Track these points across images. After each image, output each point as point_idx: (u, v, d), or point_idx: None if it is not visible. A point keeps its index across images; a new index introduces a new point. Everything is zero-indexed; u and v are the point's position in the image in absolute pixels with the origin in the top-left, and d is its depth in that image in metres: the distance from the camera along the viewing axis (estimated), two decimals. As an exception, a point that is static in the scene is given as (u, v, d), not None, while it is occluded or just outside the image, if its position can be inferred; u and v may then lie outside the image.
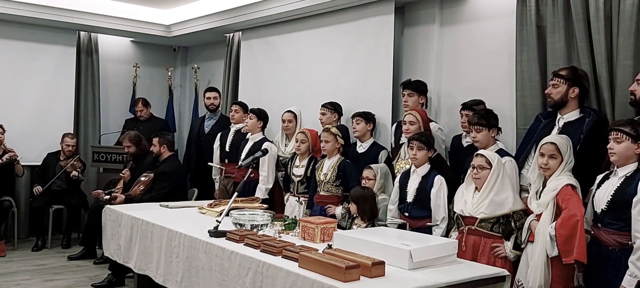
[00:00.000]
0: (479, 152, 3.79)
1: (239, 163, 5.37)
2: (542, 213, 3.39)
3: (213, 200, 4.99)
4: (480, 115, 4.06)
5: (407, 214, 4.15)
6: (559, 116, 3.85)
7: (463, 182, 3.90)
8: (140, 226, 4.26)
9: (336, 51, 5.89)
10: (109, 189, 6.32)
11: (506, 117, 4.45)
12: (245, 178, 4.54)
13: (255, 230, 3.63)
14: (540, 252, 3.31)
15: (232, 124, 6.29)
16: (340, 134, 4.93)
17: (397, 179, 4.34)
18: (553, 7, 4.13)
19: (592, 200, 3.28)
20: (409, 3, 5.38)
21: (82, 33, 7.77)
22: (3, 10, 6.76)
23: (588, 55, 3.91)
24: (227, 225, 3.69)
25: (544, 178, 3.49)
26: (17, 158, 6.68)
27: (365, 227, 4.09)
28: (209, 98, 6.87)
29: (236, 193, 4.08)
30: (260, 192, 5.47)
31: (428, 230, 4.02)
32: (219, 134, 6.38)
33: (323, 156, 4.98)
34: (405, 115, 4.61)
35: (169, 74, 8.62)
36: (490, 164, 3.64)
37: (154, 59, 8.66)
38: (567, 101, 3.78)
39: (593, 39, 3.87)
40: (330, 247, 3.12)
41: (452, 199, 3.92)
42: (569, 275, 3.31)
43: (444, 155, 4.65)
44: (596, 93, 3.89)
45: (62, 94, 7.63)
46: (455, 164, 4.52)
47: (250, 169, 4.76)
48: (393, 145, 5.01)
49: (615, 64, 3.77)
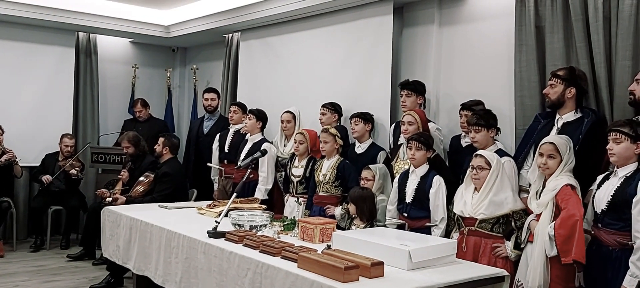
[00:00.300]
0: (478, 152, 3.79)
1: (238, 164, 5.37)
2: (541, 213, 3.39)
3: (212, 201, 4.99)
4: (479, 115, 4.06)
5: (406, 215, 4.15)
6: (557, 116, 3.85)
7: (462, 182, 3.90)
8: (139, 227, 4.26)
9: (335, 52, 5.88)
10: (109, 190, 6.31)
11: (505, 118, 4.45)
12: (245, 179, 4.53)
13: (254, 230, 3.63)
14: (539, 252, 3.31)
15: (231, 125, 6.28)
16: (339, 134, 4.93)
17: (396, 180, 4.34)
18: (552, 7, 4.13)
19: (593, 201, 3.28)
20: (408, 3, 5.38)
21: (80, 34, 7.76)
22: (2, 11, 6.75)
23: (587, 55, 3.91)
24: (226, 225, 3.69)
25: (545, 178, 3.49)
26: (15, 159, 6.68)
27: (364, 227, 4.09)
28: (206, 99, 6.87)
29: (235, 194, 4.07)
30: (260, 192, 5.47)
31: (427, 230, 4.02)
32: (218, 135, 6.37)
33: (322, 157, 4.98)
34: (403, 116, 4.61)
35: (168, 74, 8.62)
36: (490, 164, 3.64)
37: (153, 60, 8.65)
38: (565, 101, 3.79)
39: (592, 39, 3.87)
40: (329, 247, 3.12)
41: (451, 200, 3.92)
42: (568, 275, 3.31)
43: (443, 155, 4.65)
44: (595, 93, 3.89)
45: (61, 95, 7.62)
46: (454, 165, 4.52)
47: (249, 170, 4.76)
48: (392, 146, 5.00)
49: (614, 64, 3.77)
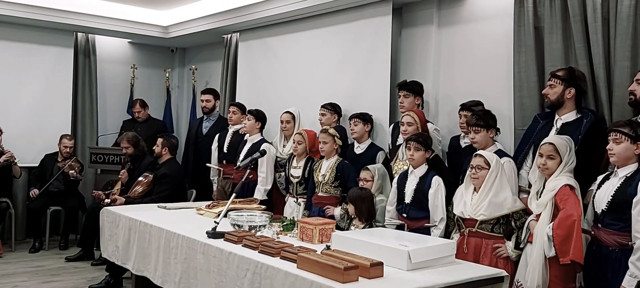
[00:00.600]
0: (477, 152, 3.79)
1: (237, 165, 5.36)
2: (541, 214, 3.40)
3: (211, 201, 4.98)
4: (478, 115, 4.06)
5: (405, 215, 4.15)
6: (556, 117, 3.85)
7: (461, 182, 3.90)
8: (138, 227, 4.25)
9: (334, 52, 5.88)
10: (107, 190, 6.31)
11: (504, 118, 4.46)
12: (244, 180, 4.52)
13: (253, 231, 3.63)
14: (538, 252, 3.32)
15: (230, 125, 6.27)
16: (338, 135, 4.93)
17: (395, 180, 4.34)
18: (550, 8, 4.13)
19: (593, 201, 3.29)
20: (407, 4, 5.38)
21: (79, 34, 7.76)
22: (0, 12, 6.73)
23: (586, 56, 3.92)
24: (225, 226, 3.68)
25: (545, 178, 3.49)
26: (14, 160, 6.67)
27: (363, 227, 4.09)
28: (202, 100, 6.82)
29: (234, 195, 4.07)
30: (259, 193, 5.47)
31: (426, 230, 4.02)
32: (217, 135, 6.36)
33: (321, 157, 4.97)
34: (402, 116, 4.61)
35: (167, 75, 8.61)
36: (489, 164, 3.64)
37: (152, 60, 8.65)
38: (564, 102, 3.79)
39: (590, 39, 3.88)
40: (328, 248, 3.11)
41: (451, 200, 3.92)
42: (567, 276, 3.31)
43: (441, 156, 4.65)
44: (594, 94, 3.89)
45: (60, 95, 7.61)
46: (453, 165, 4.52)
47: (249, 170, 4.75)
48: (390, 146, 5.00)
49: (613, 64, 3.78)
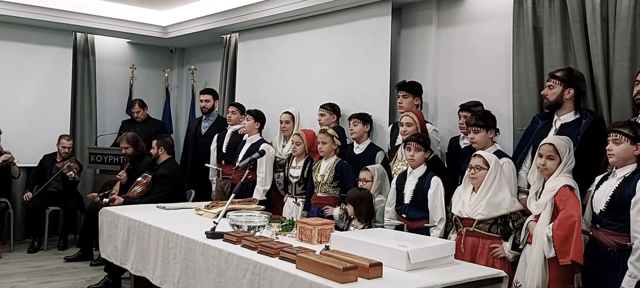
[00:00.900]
0: (476, 152, 3.79)
1: (236, 165, 5.35)
2: (540, 214, 3.39)
3: (210, 202, 4.98)
4: (478, 116, 4.06)
5: (404, 216, 4.15)
6: (555, 117, 3.85)
7: (461, 183, 3.90)
8: (137, 227, 4.25)
9: (333, 52, 5.88)
10: (106, 191, 6.31)
11: (503, 118, 4.45)
12: (243, 180, 4.52)
13: (252, 231, 3.62)
14: (538, 253, 3.31)
15: (229, 125, 6.27)
16: (337, 135, 4.93)
17: (394, 181, 4.33)
18: (550, 8, 4.13)
19: (591, 201, 3.29)
20: (406, 4, 5.38)
21: (78, 34, 7.75)
22: (-1, 12, 6.75)
23: (585, 56, 3.92)
24: (224, 226, 3.68)
25: (544, 179, 3.49)
26: (13, 160, 6.66)
27: (363, 228, 4.09)
28: (201, 100, 6.82)
29: (233, 195, 4.06)
30: (258, 193, 5.47)
31: (426, 231, 4.02)
32: (216, 135, 6.35)
33: (320, 157, 4.97)
34: (402, 117, 4.61)
35: (166, 75, 8.61)
36: (488, 165, 3.64)
37: (151, 60, 8.64)
38: (563, 102, 3.79)
39: (590, 40, 3.88)
40: (327, 248, 3.11)
41: (450, 200, 3.92)
42: (566, 276, 3.31)
43: (440, 156, 4.64)
44: (593, 94, 3.89)
45: (59, 96, 7.61)
46: (452, 165, 4.52)
47: (248, 171, 4.75)
48: (389, 147, 5.00)
49: (612, 65, 3.78)
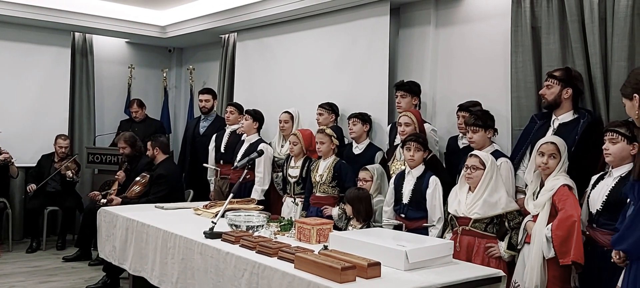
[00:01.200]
0: (473, 152, 3.80)
1: (235, 165, 5.36)
2: (538, 214, 3.40)
3: (208, 202, 4.98)
4: (476, 116, 4.07)
5: (403, 215, 4.15)
6: (553, 117, 3.86)
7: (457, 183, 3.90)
8: (135, 227, 4.25)
9: (332, 52, 5.88)
10: (104, 190, 6.30)
11: (501, 118, 4.46)
12: (241, 180, 4.53)
13: (250, 231, 3.63)
14: (536, 253, 3.32)
15: (228, 125, 6.27)
16: (335, 135, 4.93)
17: (392, 181, 4.34)
18: (548, 8, 4.14)
19: (587, 201, 3.29)
20: (404, 4, 5.38)
21: (76, 34, 7.75)
22: (-3, 11, 6.74)
23: (583, 56, 3.92)
24: (222, 226, 3.68)
25: (541, 179, 3.50)
26: (11, 160, 6.66)
27: (361, 228, 4.09)
28: (201, 100, 6.81)
29: (232, 195, 4.07)
30: (256, 193, 5.46)
31: (424, 230, 4.02)
32: (214, 135, 6.35)
33: (318, 157, 4.97)
34: (400, 117, 4.61)
35: (164, 75, 8.60)
36: (484, 165, 3.65)
37: (149, 60, 8.64)
38: (561, 102, 3.80)
39: (588, 40, 3.88)
40: (326, 248, 3.11)
41: (446, 200, 3.92)
42: (565, 276, 3.31)
43: (438, 156, 4.65)
44: (591, 94, 3.89)
45: (57, 95, 7.60)
46: (451, 165, 4.52)
47: (246, 170, 4.75)
48: (388, 147, 5.00)
49: (610, 65, 3.78)
